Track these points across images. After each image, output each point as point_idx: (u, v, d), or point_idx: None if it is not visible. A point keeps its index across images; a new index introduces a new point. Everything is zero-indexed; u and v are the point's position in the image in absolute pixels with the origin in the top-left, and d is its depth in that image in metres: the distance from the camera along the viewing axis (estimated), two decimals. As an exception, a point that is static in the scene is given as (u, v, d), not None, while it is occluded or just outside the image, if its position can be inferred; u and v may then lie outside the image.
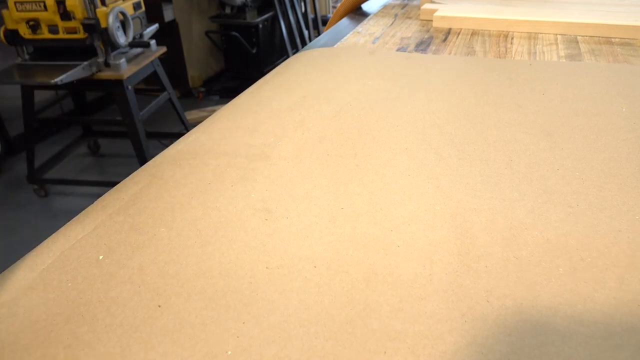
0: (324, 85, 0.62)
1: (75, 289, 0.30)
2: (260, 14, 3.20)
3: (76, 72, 1.75)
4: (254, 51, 3.21)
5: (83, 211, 0.39)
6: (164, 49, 2.08)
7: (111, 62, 1.82)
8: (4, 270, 0.33)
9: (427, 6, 0.95)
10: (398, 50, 0.77)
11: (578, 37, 0.81)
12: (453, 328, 0.27)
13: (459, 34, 0.85)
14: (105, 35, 1.78)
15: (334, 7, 3.96)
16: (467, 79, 0.62)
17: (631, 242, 0.33)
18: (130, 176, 0.43)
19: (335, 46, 0.80)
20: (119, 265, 0.32)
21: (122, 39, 1.83)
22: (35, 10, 1.77)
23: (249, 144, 0.48)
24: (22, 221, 1.95)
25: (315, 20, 3.61)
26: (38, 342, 0.27)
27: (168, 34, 2.95)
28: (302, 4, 3.48)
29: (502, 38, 0.81)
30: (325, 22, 3.71)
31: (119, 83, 1.84)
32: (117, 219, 0.37)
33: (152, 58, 1.99)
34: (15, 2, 1.75)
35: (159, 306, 0.29)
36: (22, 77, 1.79)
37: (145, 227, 0.36)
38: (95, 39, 1.79)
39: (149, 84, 2.48)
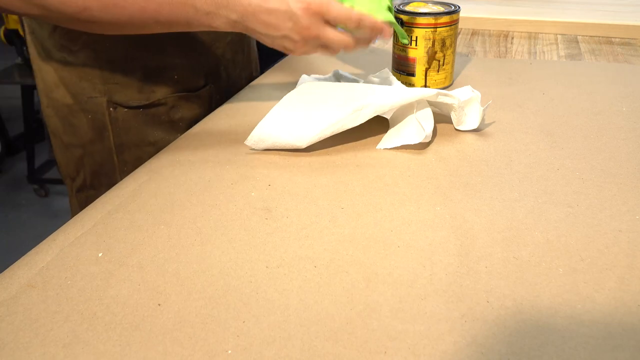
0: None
1: (74, 287, 0.30)
2: (260, 14, 3.20)
3: (76, 72, 1.75)
4: (254, 51, 3.22)
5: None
6: (164, 49, 2.08)
7: (111, 61, 1.82)
8: (4, 270, 0.33)
9: (427, 6, 0.95)
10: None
11: (578, 36, 0.81)
12: (453, 328, 0.27)
13: (459, 33, 0.85)
14: (105, 35, 1.78)
15: (334, 8, 3.96)
16: (467, 78, 0.62)
17: (631, 242, 0.33)
18: (130, 174, 0.43)
19: (335, 46, 0.80)
20: (119, 263, 0.32)
21: (122, 39, 1.83)
22: (36, 10, 1.77)
23: (249, 143, 0.48)
24: (22, 221, 1.94)
25: (315, 20, 3.62)
26: (38, 340, 0.27)
27: (168, 34, 2.95)
28: (303, 4, 3.49)
29: (502, 38, 0.81)
30: (325, 22, 3.70)
31: (119, 83, 1.84)
32: (116, 216, 0.37)
33: (152, 58, 1.99)
34: (15, 2, 1.75)
35: (159, 305, 0.29)
36: (22, 77, 1.79)
37: (144, 225, 0.36)
38: (95, 39, 1.79)
39: (149, 84, 2.48)
